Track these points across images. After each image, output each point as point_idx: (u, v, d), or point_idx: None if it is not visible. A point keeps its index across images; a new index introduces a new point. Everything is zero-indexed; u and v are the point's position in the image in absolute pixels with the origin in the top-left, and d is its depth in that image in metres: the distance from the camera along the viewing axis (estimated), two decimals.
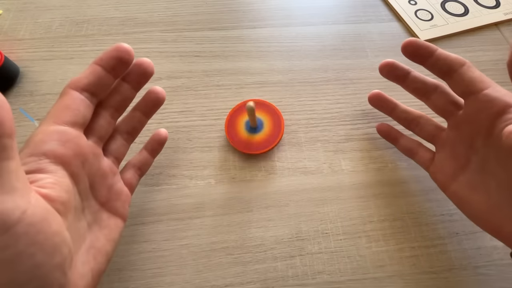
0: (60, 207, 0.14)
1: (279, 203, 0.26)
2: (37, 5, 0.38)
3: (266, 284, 0.23)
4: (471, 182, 0.20)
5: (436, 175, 0.23)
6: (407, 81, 0.24)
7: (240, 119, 0.28)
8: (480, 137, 0.20)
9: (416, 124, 0.25)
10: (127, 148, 0.22)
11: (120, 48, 0.18)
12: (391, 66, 0.24)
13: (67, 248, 0.14)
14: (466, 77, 0.20)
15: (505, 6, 0.39)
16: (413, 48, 0.22)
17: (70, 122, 0.17)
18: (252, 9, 0.39)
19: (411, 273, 0.23)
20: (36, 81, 0.32)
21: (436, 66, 0.21)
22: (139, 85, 0.21)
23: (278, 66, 0.34)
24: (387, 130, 0.27)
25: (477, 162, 0.20)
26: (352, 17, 0.39)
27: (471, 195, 0.20)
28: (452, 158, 0.22)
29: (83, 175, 0.17)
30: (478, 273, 0.23)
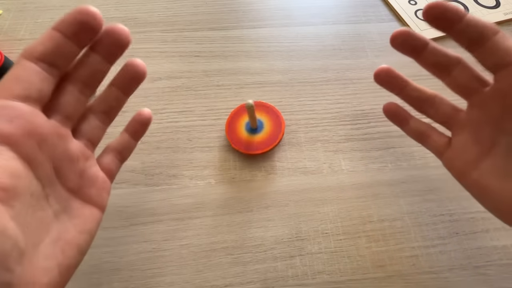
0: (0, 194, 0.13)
1: (279, 203, 0.26)
2: (37, 5, 0.38)
3: (266, 284, 0.23)
4: (497, 169, 0.18)
5: (453, 161, 0.20)
6: (425, 53, 0.20)
7: (240, 120, 0.28)
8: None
9: (430, 104, 0.21)
10: (103, 130, 0.19)
11: (84, 11, 0.15)
12: (407, 35, 0.20)
13: (10, 241, 0.12)
14: (501, 46, 0.17)
15: (505, 6, 0.39)
16: (440, 10, 0.18)
17: (20, 96, 0.14)
18: (252, 9, 0.39)
19: (411, 273, 0.23)
20: None
21: (465, 33, 0.18)
22: (112, 57, 0.17)
23: (278, 66, 0.34)
24: (395, 110, 0.23)
25: (506, 145, 0.17)
26: (352, 17, 0.39)
27: (499, 183, 0.17)
28: (475, 142, 0.19)
29: (42, 158, 0.15)
30: (478, 273, 0.23)
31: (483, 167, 0.18)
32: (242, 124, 0.28)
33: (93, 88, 0.18)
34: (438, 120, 0.21)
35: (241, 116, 0.29)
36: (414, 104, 0.22)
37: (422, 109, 0.22)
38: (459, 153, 0.19)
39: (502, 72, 0.17)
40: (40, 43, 0.15)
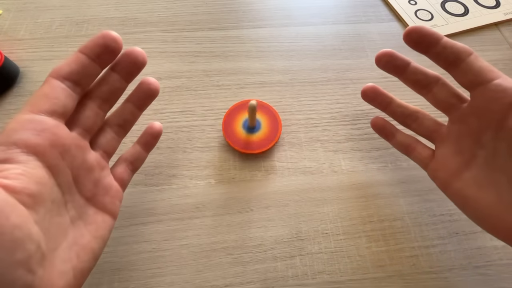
0: (27, 200, 0.13)
1: (279, 203, 0.26)
2: (37, 5, 0.38)
3: (266, 284, 0.23)
4: (477, 179, 0.19)
5: (437, 172, 0.21)
6: (407, 73, 0.22)
7: (237, 119, 0.28)
8: (489, 131, 0.18)
9: (413, 119, 0.23)
10: (118, 142, 0.21)
11: (107, 36, 0.17)
12: (390, 56, 0.22)
13: (34, 244, 0.13)
14: (474, 67, 0.19)
15: (505, 6, 0.39)
16: (418, 35, 0.20)
17: (47, 111, 0.16)
18: (252, 9, 0.39)
19: (411, 273, 0.23)
20: (36, 81, 0.32)
21: (442, 55, 0.20)
22: (129, 76, 0.20)
23: (278, 66, 0.34)
24: (382, 124, 0.25)
25: (484, 158, 0.19)
26: (352, 17, 0.39)
27: (478, 193, 0.19)
28: (457, 154, 0.20)
29: (63, 167, 0.16)
30: (478, 273, 0.23)
31: (465, 178, 0.19)
32: (239, 123, 0.28)
33: (111, 104, 0.20)
34: (422, 133, 0.23)
35: (238, 115, 0.29)
36: (398, 119, 0.24)
37: (406, 123, 0.24)
38: (442, 164, 0.21)
39: (477, 90, 0.19)
40: (67, 64, 0.17)
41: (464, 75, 0.19)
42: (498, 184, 0.18)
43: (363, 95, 0.25)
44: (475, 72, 0.19)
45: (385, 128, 0.25)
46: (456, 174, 0.20)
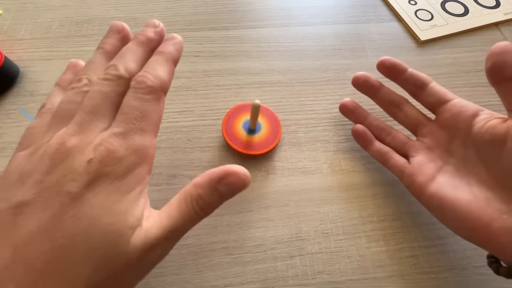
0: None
1: (279, 203, 0.26)
2: (37, 5, 0.38)
3: (266, 284, 0.23)
4: (451, 182, 0.21)
5: (413, 177, 0.23)
6: (381, 93, 0.26)
7: (237, 121, 0.28)
8: (457, 140, 0.22)
9: (387, 132, 0.26)
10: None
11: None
12: (366, 79, 0.26)
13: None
14: (438, 89, 0.23)
15: (505, 6, 0.39)
16: (390, 63, 0.25)
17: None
18: (252, 9, 0.39)
19: (411, 273, 0.23)
20: (36, 81, 0.32)
21: (410, 80, 0.24)
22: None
23: (278, 66, 0.34)
24: (363, 131, 0.26)
25: (454, 164, 0.22)
26: (352, 17, 0.39)
27: (454, 192, 0.20)
28: (430, 161, 0.23)
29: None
30: (477, 273, 0.23)
31: (439, 180, 0.21)
32: (239, 124, 0.28)
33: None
34: (395, 145, 0.25)
35: (238, 117, 0.29)
36: (374, 131, 0.27)
37: (381, 137, 0.26)
38: (418, 169, 0.23)
39: (443, 108, 0.23)
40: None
41: (431, 96, 0.23)
42: (470, 185, 0.20)
43: (340, 109, 0.28)
44: (440, 93, 0.23)
45: (365, 135, 0.26)
46: (431, 177, 0.22)
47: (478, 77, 0.33)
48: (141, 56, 0.18)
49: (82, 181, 0.13)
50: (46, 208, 0.13)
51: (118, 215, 0.14)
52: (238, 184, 0.16)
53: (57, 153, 0.14)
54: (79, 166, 0.14)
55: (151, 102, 0.16)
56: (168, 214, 0.16)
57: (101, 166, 0.14)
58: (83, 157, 0.14)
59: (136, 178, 0.15)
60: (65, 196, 0.13)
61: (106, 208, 0.14)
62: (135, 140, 0.15)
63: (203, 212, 0.16)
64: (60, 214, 0.13)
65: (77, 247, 0.13)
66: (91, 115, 0.15)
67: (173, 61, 0.18)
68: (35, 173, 0.14)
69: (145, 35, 0.19)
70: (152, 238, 0.14)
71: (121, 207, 0.14)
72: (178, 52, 0.19)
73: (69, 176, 0.13)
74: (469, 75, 0.34)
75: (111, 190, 0.14)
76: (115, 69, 0.16)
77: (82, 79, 0.17)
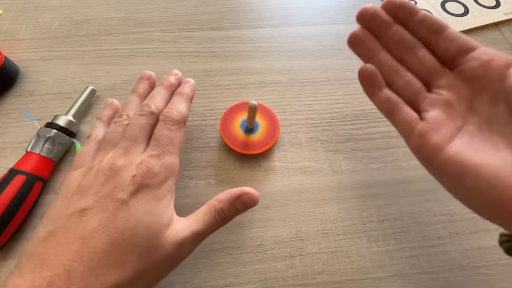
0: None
1: (279, 203, 0.26)
2: (37, 5, 0.38)
3: (266, 284, 0.23)
4: (473, 145, 0.17)
5: (426, 136, 0.18)
6: (391, 31, 0.21)
7: (235, 120, 0.28)
8: (484, 94, 0.18)
9: (400, 75, 0.21)
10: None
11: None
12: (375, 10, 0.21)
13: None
14: (459, 35, 0.19)
15: (505, 6, 0.39)
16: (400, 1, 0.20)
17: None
18: (252, 9, 0.39)
19: (411, 273, 0.23)
20: (36, 81, 0.32)
21: (425, 23, 0.20)
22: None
23: (278, 66, 0.34)
24: (372, 73, 0.21)
25: (477, 125, 0.18)
26: (351, 17, 0.38)
27: (478, 156, 0.16)
28: (448, 118, 0.18)
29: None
30: (478, 273, 0.23)
31: (458, 143, 0.17)
32: (237, 123, 0.28)
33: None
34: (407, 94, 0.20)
35: (235, 116, 0.29)
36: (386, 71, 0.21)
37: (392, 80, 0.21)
38: (433, 127, 0.18)
39: (467, 57, 0.19)
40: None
41: (451, 42, 0.19)
42: (497, 148, 0.16)
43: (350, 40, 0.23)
44: (463, 39, 0.19)
45: (375, 79, 0.21)
46: (449, 139, 0.18)
47: None
48: (166, 97, 0.24)
49: (129, 190, 0.18)
50: (103, 211, 0.17)
51: (156, 216, 0.18)
52: (250, 202, 0.20)
53: (110, 170, 0.19)
54: (126, 180, 0.18)
55: (176, 131, 0.21)
56: (195, 221, 0.19)
57: (143, 180, 0.18)
58: (128, 173, 0.18)
59: (168, 188, 0.19)
60: (117, 202, 0.17)
61: (147, 210, 0.18)
62: (166, 159, 0.20)
63: (222, 222, 0.20)
64: (113, 215, 0.17)
65: (127, 240, 0.17)
66: (132, 141, 0.20)
67: (190, 99, 0.24)
68: (93, 186, 0.18)
69: (169, 81, 0.25)
70: (182, 237, 0.18)
71: (158, 210, 0.18)
72: (192, 92, 0.25)
73: (119, 187, 0.18)
74: None
75: (151, 197, 0.18)
76: (148, 107, 0.22)
77: (122, 115, 0.22)
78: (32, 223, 0.24)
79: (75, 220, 0.17)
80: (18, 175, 0.23)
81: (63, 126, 0.27)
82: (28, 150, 0.25)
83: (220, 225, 0.20)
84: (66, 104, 0.30)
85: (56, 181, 0.26)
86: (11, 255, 0.23)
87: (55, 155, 0.26)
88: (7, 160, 0.27)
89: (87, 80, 0.32)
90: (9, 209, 0.22)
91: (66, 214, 0.17)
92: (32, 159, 0.25)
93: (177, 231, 0.18)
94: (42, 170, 0.25)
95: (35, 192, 0.24)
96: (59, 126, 0.27)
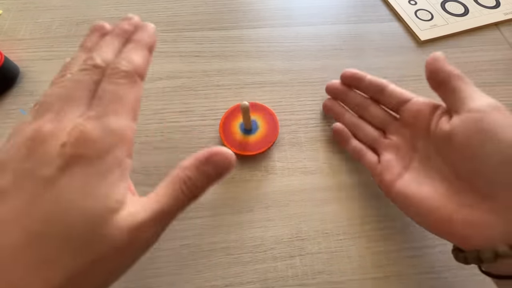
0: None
1: (279, 203, 0.26)
2: (37, 5, 0.38)
3: (266, 284, 0.23)
4: (416, 179, 0.22)
5: (382, 175, 0.23)
6: (349, 97, 0.28)
7: (234, 121, 0.28)
8: (419, 138, 0.23)
9: (361, 129, 0.27)
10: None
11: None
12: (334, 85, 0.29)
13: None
14: (396, 91, 0.25)
15: (505, 6, 0.39)
16: (350, 73, 0.27)
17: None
18: (252, 9, 0.39)
19: (411, 273, 0.23)
20: (36, 81, 0.32)
21: (371, 85, 0.26)
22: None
23: (278, 66, 0.34)
24: (341, 130, 0.28)
25: (419, 160, 0.22)
26: (352, 17, 0.39)
27: (418, 189, 0.21)
28: (397, 159, 0.24)
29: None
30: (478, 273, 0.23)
31: (405, 178, 0.22)
32: (236, 125, 0.28)
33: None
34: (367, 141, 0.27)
35: (236, 117, 0.29)
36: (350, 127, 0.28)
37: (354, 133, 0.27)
38: (387, 166, 0.23)
39: (403, 108, 0.24)
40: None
41: (391, 97, 0.25)
42: (433, 180, 0.21)
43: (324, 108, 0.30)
44: (399, 93, 0.25)
45: (343, 134, 0.28)
46: (398, 176, 0.23)
47: (479, 77, 0.33)
48: (117, 46, 0.18)
49: (56, 165, 0.13)
50: (20, 195, 0.13)
51: (97, 198, 0.14)
52: (223, 163, 0.16)
53: (32, 140, 0.14)
54: (53, 151, 0.13)
55: (126, 86, 0.16)
56: (156, 198, 0.16)
57: (75, 149, 0.14)
58: (56, 141, 0.14)
59: (114, 160, 0.15)
60: (40, 181, 0.13)
61: (84, 191, 0.13)
62: (110, 122, 0.15)
63: (191, 194, 0.16)
64: (34, 199, 0.13)
65: (53, 233, 0.13)
66: (66, 102, 0.15)
67: (147, 47, 0.19)
68: (12, 161, 0.14)
69: (120, 28, 0.19)
70: (140, 221, 0.14)
71: (100, 190, 0.14)
72: (151, 38, 0.19)
73: (44, 162, 0.13)
74: (469, 75, 0.33)
75: (88, 173, 0.14)
76: (92, 60, 0.17)
77: (65, 74, 0.17)
78: None
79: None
80: None
81: None
82: None
83: (190, 198, 0.16)
84: None
85: None
86: None
87: None
88: None
89: None
90: None
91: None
92: None
93: (132, 214, 0.14)
94: None
95: None
96: None
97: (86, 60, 0.17)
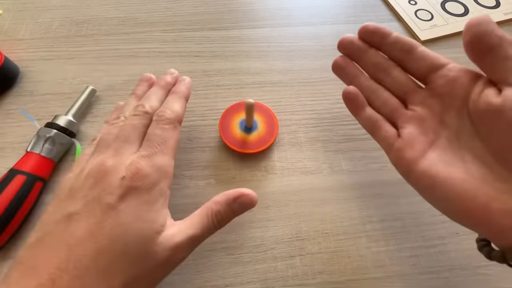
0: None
1: (279, 203, 0.26)
2: (37, 5, 0.38)
3: (266, 284, 0.23)
4: (443, 158, 0.18)
5: (402, 152, 0.20)
6: (367, 55, 0.23)
7: (234, 120, 0.28)
8: (452, 110, 0.19)
9: (378, 95, 0.22)
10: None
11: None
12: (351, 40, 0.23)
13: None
14: (429, 53, 0.20)
15: (505, 6, 0.39)
16: (373, 27, 0.22)
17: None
18: (252, 9, 0.39)
19: (411, 273, 0.23)
20: (36, 81, 0.32)
21: (397, 44, 0.21)
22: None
23: (278, 66, 0.34)
24: (354, 94, 0.23)
25: (447, 138, 0.19)
26: (352, 17, 0.39)
27: (447, 170, 0.18)
28: (421, 134, 0.20)
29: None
30: (478, 273, 0.23)
31: (431, 156, 0.19)
32: (236, 123, 0.28)
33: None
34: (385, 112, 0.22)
35: (234, 115, 0.29)
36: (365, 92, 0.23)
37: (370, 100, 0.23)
38: (408, 143, 0.20)
39: (436, 74, 0.20)
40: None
41: (422, 60, 0.20)
42: (464, 161, 0.18)
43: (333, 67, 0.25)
44: (432, 57, 0.20)
45: (357, 99, 0.23)
46: (422, 153, 0.19)
47: None
48: (162, 96, 0.23)
49: (117, 194, 0.17)
50: (91, 217, 0.16)
51: (147, 222, 0.17)
52: (248, 203, 0.20)
53: (98, 172, 0.18)
54: (115, 182, 0.17)
55: (169, 130, 0.20)
56: (191, 224, 0.19)
57: (132, 182, 0.17)
58: (117, 175, 0.18)
59: (160, 191, 0.18)
60: (105, 206, 0.17)
61: (137, 216, 0.17)
62: (157, 160, 0.19)
63: (219, 225, 0.19)
64: (101, 221, 0.16)
65: (116, 247, 0.16)
66: (124, 142, 0.19)
67: (185, 97, 0.24)
68: (82, 189, 0.17)
69: (165, 81, 0.24)
70: (177, 242, 0.18)
71: (149, 215, 0.17)
72: (188, 90, 0.24)
73: (108, 190, 0.17)
74: None
75: (141, 202, 0.17)
76: (142, 107, 0.21)
77: (119, 116, 0.22)
78: (32, 223, 0.24)
79: (63, 225, 0.16)
80: (18, 175, 0.23)
81: (63, 126, 0.27)
82: (28, 150, 0.25)
83: (217, 228, 0.19)
84: (66, 104, 0.30)
85: (56, 181, 0.26)
86: (11, 255, 0.23)
87: (55, 155, 0.26)
88: (7, 160, 0.27)
89: (87, 80, 0.32)
90: (9, 209, 0.22)
91: (54, 219, 0.17)
92: (32, 159, 0.25)
93: (172, 236, 0.18)
94: (42, 170, 0.25)
95: (35, 192, 0.24)
96: (59, 126, 0.27)
97: (137, 106, 0.22)
